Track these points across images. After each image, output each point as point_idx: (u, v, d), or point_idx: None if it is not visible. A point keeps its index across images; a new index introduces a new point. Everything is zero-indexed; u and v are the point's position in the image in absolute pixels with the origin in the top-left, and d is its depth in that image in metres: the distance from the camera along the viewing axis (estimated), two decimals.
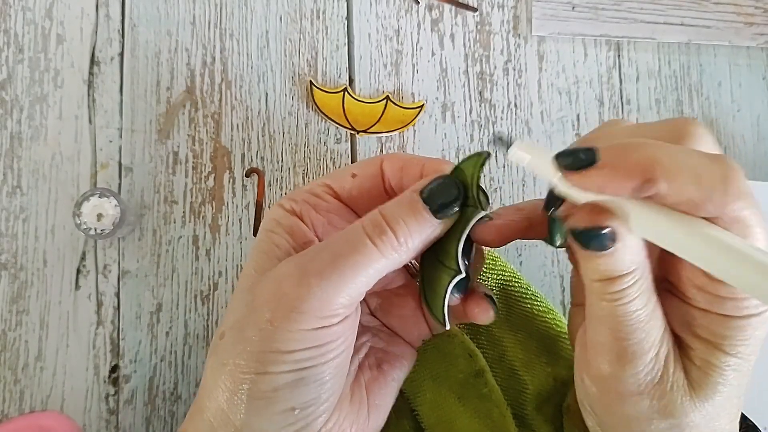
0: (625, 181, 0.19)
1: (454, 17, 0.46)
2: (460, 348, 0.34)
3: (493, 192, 0.45)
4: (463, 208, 0.24)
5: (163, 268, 0.41)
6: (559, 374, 0.35)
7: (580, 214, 0.21)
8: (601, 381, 0.22)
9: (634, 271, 0.21)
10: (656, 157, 0.19)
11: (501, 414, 0.33)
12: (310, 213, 0.26)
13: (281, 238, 0.25)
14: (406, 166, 0.26)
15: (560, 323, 0.36)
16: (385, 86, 0.45)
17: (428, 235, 0.24)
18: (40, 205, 0.41)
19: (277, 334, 0.22)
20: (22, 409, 0.40)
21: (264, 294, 0.23)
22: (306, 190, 0.27)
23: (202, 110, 0.43)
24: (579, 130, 0.46)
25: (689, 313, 0.22)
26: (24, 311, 0.40)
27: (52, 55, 0.43)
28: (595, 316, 0.22)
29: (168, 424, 0.40)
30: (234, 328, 0.23)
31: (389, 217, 0.23)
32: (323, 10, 0.45)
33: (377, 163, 0.27)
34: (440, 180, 0.24)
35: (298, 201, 0.26)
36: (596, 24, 0.46)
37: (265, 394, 0.22)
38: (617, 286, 0.21)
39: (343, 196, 0.27)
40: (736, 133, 0.48)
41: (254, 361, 0.22)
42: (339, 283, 0.22)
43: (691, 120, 0.22)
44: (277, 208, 0.26)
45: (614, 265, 0.20)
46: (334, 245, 0.23)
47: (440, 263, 0.24)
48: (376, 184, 0.27)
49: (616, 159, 0.19)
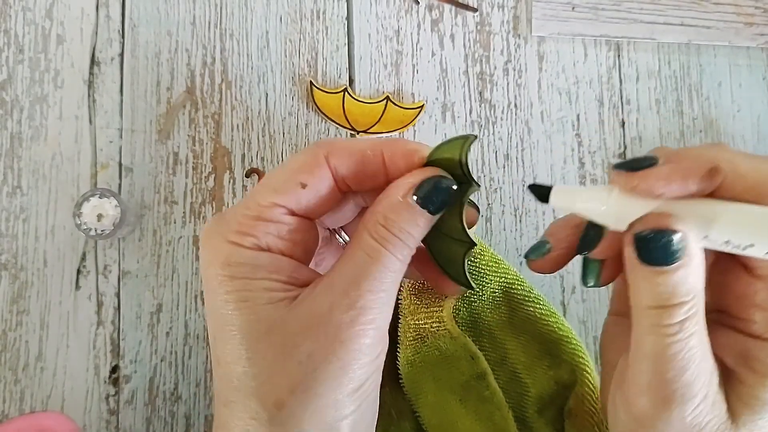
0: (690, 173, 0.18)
1: (454, 17, 0.46)
2: (462, 350, 0.34)
3: (493, 192, 0.45)
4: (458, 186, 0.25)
5: (164, 268, 0.41)
6: (561, 378, 0.35)
7: (647, 218, 0.19)
8: (642, 420, 0.21)
9: (694, 299, 0.19)
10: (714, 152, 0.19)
11: (502, 417, 0.33)
12: (278, 243, 0.23)
13: (269, 281, 0.22)
14: (362, 161, 0.24)
15: (563, 327, 0.36)
16: (385, 86, 0.45)
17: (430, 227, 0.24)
18: (40, 206, 0.41)
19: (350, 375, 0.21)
20: (23, 409, 0.40)
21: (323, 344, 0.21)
22: (254, 217, 0.23)
23: (202, 110, 0.43)
24: (579, 130, 0.46)
25: (746, 345, 0.21)
26: (24, 311, 0.40)
27: (52, 55, 0.43)
28: (642, 352, 0.20)
29: (168, 424, 0.40)
30: (297, 392, 0.21)
31: (393, 228, 0.23)
32: (323, 11, 0.45)
33: (322, 163, 0.23)
34: (431, 180, 0.23)
35: (257, 235, 0.23)
36: (596, 24, 0.46)
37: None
38: (674, 317, 0.19)
39: (300, 211, 0.24)
40: (736, 133, 0.48)
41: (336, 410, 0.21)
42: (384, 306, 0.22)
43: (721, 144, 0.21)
44: (233, 248, 0.22)
45: (676, 286, 0.19)
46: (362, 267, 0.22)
47: (449, 238, 0.25)
48: (330, 186, 0.24)
49: (676, 158, 0.19)
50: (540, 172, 0.45)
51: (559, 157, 0.46)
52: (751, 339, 0.21)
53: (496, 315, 0.36)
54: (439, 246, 0.26)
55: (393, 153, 0.24)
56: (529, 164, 0.45)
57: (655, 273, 0.19)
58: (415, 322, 0.34)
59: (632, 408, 0.21)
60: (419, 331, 0.35)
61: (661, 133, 0.47)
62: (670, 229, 0.19)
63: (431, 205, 0.23)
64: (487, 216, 0.44)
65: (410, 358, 0.34)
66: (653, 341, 0.20)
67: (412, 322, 0.35)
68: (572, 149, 0.46)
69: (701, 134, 0.47)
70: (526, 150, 0.46)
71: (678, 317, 0.19)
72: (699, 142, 0.47)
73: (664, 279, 0.19)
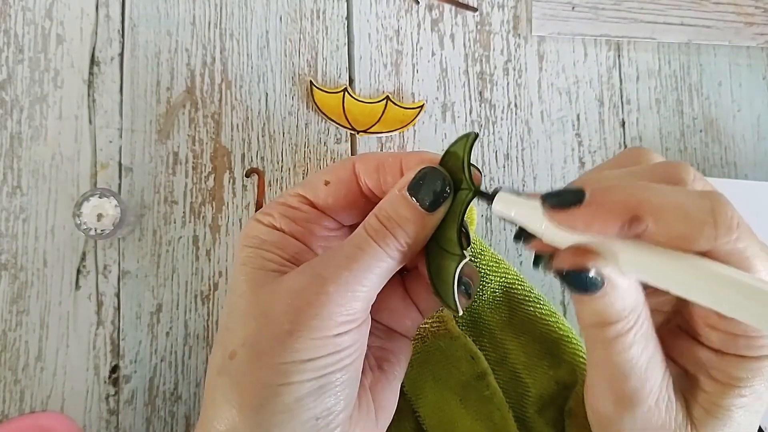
0: (611, 219, 0.19)
1: (454, 17, 0.46)
2: (463, 350, 0.34)
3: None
4: (457, 192, 0.24)
5: (164, 268, 0.41)
6: (561, 378, 0.35)
7: (564, 255, 0.20)
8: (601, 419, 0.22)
9: (629, 316, 0.20)
10: (642, 196, 0.19)
11: (503, 417, 0.33)
12: (290, 226, 0.26)
13: (271, 253, 0.25)
14: (382, 165, 0.25)
15: (563, 327, 0.36)
16: (385, 86, 0.45)
17: (427, 229, 0.24)
18: (40, 206, 0.41)
19: (298, 344, 0.22)
20: (23, 409, 0.40)
21: (280, 306, 0.23)
22: (280, 203, 0.26)
23: (202, 110, 0.43)
24: (579, 130, 0.46)
25: (704, 354, 0.21)
26: (24, 311, 0.40)
27: (52, 55, 0.43)
28: (592, 362, 0.22)
29: (168, 424, 0.40)
30: (247, 345, 0.23)
31: (385, 220, 0.23)
32: (323, 10, 0.45)
33: (349, 167, 0.26)
34: (425, 173, 0.24)
35: (275, 215, 0.26)
36: (596, 24, 0.46)
37: (288, 406, 0.22)
38: (611, 332, 0.20)
39: (319, 204, 0.26)
40: (736, 133, 0.48)
41: (277, 374, 0.22)
42: (355, 287, 0.23)
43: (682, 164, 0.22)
44: (255, 223, 0.26)
45: (605, 309, 0.20)
46: (343, 252, 0.23)
47: (444, 250, 0.24)
48: (352, 188, 0.26)
49: (602, 197, 0.20)
50: (540, 171, 0.45)
51: (560, 156, 0.46)
52: (708, 349, 0.21)
53: (497, 315, 0.36)
54: (435, 261, 0.25)
55: (409, 160, 0.25)
56: (529, 164, 0.45)
57: (584, 299, 0.20)
58: None
59: (593, 412, 0.23)
60: (419, 331, 0.35)
61: (661, 132, 0.47)
62: (583, 266, 0.19)
63: (423, 198, 0.23)
64: (487, 216, 0.44)
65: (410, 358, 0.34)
66: (597, 353, 0.21)
67: None
68: (572, 149, 0.46)
69: (701, 134, 0.47)
70: (526, 150, 0.46)
71: (615, 332, 0.20)
72: (699, 141, 0.47)
73: (591, 305, 0.20)
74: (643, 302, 0.21)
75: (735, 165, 0.47)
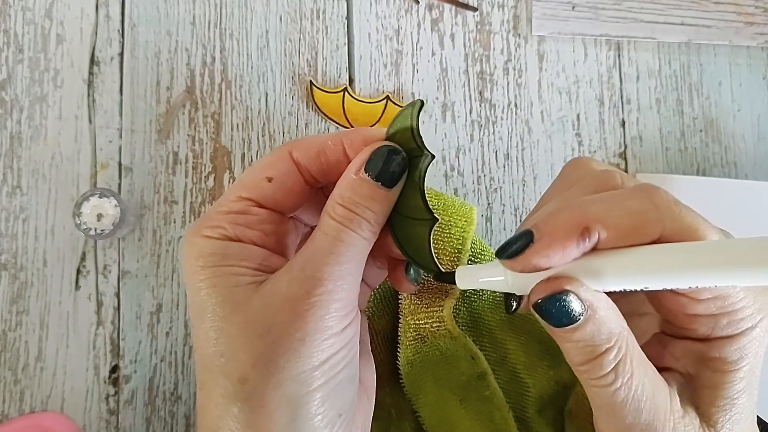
0: (565, 240, 0.19)
1: (454, 17, 0.46)
2: (463, 350, 0.34)
3: (493, 192, 0.45)
4: (412, 160, 0.24)
5: (163, 268, 0.41)
6: (562, 378, 0.35)
7: (538, 287, 0.20)
8: None
9: (617, 343, 0.20)
10: (584, 209, 0.20)
11: (503, 417, 0.33)
12: (245, 233, 0.24)
13: (238, 267, 0.23)
14: (323, 150, 0.25)
15: None
16: (385, 86, 0.45)
17: (390, 203, 0.24)
18: (40, 205, 0.41)
19: (312, 349, 0.22)
20: (23, 409, 0.40)
21: (282, 317, 0.22)
22: (225, 212, 0.24)
23: (202, 110, 0.43)
24: (579, 129, 0.46)
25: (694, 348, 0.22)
26: (24, 311, 0.40)
27: (51, 55, 0.43)
28: (596, 406, 0.21)
29: (168, 424, 0.40)
30: (259, 365, 0.22)
31: (351, 205, 0.23)
32: (323, 10, 0.45)
33: (287, 157, 0.25)
34: (378, 151, 0.24)
35: (225, 226, 0.24)
36: (596, 24, 0.46)
37: (315, 412, 0.22)
38: (605, 366, 0.20)
39: (267, 203, 0.25)
40: (736, 133, 0.48)
41: (299, 385, 0.22)
42: (346, 278, 0.23)
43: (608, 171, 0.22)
44: (203, 240, 0.24)
45: (593, 336, 0.20)
46: (324, 247, 0.23)
47: (410, 219, 0.25)
48: (296, 179, 0.25)
49: (549, 227, 0.20)
50: (540, 171, 0.45)
51: (560, 156, 0.46)
52: (700, 342, 0.21)
53: (497, 315, 0.36)
54: (404, 232, 0.25)
55: (352, 141, 0.25)
56: (529, 164, 0.45)
57: (567, 332, 0.20)
58: (415, 322, 0.34)
59: None
60: (419, 331, 0.35)
61: (661, 132, 0.47)
62: (559, 291, 0.20)
63: (383, 176, 0.23)
64: (487, 216, 0.44)
65: (410, 358, 0.34)
66: (598, 395, 0.21)
67: (412, 322, 0.34)
68: (572, 149, 0.46)
69: (701, 134, 0.47)
70: (526, 149, 0.45)
71: (609, 365, 0.20)
72: (699, 141, 0.47)
73: (578, 335, 0.20)
74: (626, 327, 0.21)
75: (735, 165, 0.47)
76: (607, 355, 0.20)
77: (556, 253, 0.20)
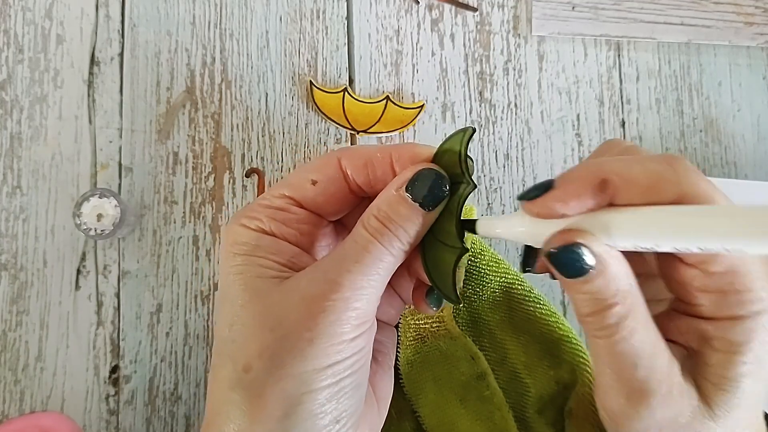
0: (582, 188, 0.20)
1: (454, 17, 0.46)
2: (463, 350, 0.34)
3: (493, 192, 0.45)
4: (454, 186, 0.24)
5: (163, 268, 0.41)
6: (562, 378, 0.35)
7: (552, 237, 0.21)
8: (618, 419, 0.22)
9: (625, 299, 0.20)
10: (605, 163, 0.20)
11: (502, 417, 0.33)
12: (281, 229, 0.25)
13: (267, 260, 0.24)
14: (371, 162, 0.25)
15: (563, 326, 0.36)
16: (385, 86, 0.45)
17: (426, 225, 0.24)
18: (40, 206, 0.41)
19: (318, 351, 0.22)
20: (23, 409, 0.40)
21: (295, 315, 0.22)
22: (266, 206, 0.25)
23: (202, 110, 0.43)
24: (579, 129, 0.46)
25: (701, 326, 0.22)
26: (24, 311, 0.40)
27: (52, 55, 0.43)
28: (597, 357, 0.22)
29: (168, 424, 0.40)
30: (264, 356, 0.22)
31: (386, 220, 0.23)
32: (323, 10, 0.45)
33: (335, 164, 0.25)
34: (423, 173, 0.24)
35: (263, 219, 0.25)
36: (596, 24, 0.46)
37: (311, 413, 0.22)
38: (609, 318, 0.20)
39: (308, 204, 0.25)
40: (736, 133, 0.48)
41: (299, 383, 0.22)
42: (366, 290, 0.23)
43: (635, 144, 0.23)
44: (241, 229, 0.25)
45: (601, 290, 0.20)
46: (351, 255, 0.23)
47: (441, 243, 0.25)
48: (340, 186, 0.25)
49: (568, 176, 0.20)
50: (540, 171, 0.45)
51: (559, 156, 0.46)
52: (704, 321, 0.22)
53: (497, 315, 0.36)
54: (432, 254, 0.25)
55: (400, 156, 0.25)
56: (529, 164, 0.45)
57: (577, 284, 0.20)
58: (415, 322, 0.34)
59: (608, 414, 0.22)
60: (419, 331, 0.35)
61: (661, 132, 0.47)
62: (572, 243, 0.20)
63: (423, 198, 0.23)
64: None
65: (410, 358, 0.34)
66: (600, 345, 0.21)
67: (412, 322, 0.35)
68: (572, 149, 0.46)
69: (701, 134, 0.47)
70: (526, 150, 0.45)
71: (612, 318, 0.20)
72: (699, 141, 0.47)
73: (588, 287, 0.20)
74: (637, 288, 0.21)
75: (735, 165, 0.47)
76: (613, 308, 0.20)
77: (573, 200, 0.20)
